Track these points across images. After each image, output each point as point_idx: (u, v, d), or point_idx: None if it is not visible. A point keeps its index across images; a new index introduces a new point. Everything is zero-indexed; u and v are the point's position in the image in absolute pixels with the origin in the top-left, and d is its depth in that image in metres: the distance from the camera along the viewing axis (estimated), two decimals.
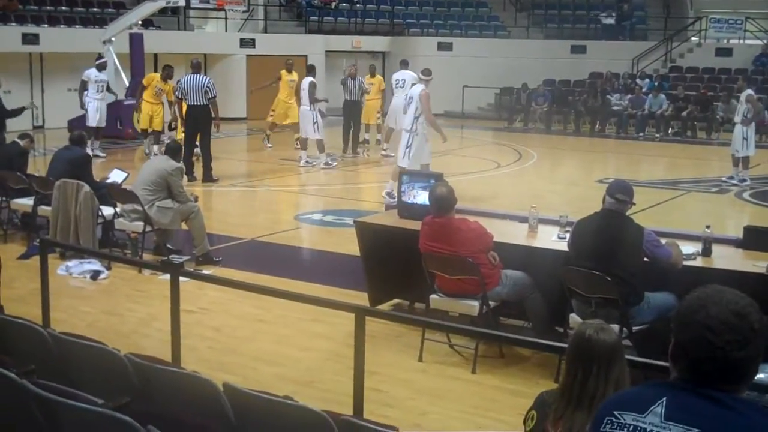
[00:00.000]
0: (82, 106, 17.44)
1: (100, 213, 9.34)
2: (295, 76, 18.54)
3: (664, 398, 2.17)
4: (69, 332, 4.76)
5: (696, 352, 2.16)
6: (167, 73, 17.21)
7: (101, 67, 17.79)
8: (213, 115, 14.67)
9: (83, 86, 17.43)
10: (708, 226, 6.56)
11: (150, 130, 17.35)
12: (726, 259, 6.42)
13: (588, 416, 3.12)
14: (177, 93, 15.04)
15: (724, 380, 2.15)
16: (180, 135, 15.53)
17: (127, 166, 12.21)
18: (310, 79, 16.68)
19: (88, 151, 11.96)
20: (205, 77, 14.82)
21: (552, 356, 6.14)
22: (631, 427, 2.16)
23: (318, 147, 16.57)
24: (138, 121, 18.05)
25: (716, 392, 2.13)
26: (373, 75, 19.66)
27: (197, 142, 14.79)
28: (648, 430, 2.14)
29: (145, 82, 17.82)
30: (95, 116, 17.33)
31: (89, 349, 4.30)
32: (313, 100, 16.46)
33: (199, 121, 14.54)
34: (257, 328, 7.31)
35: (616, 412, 2.22)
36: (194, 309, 7.48)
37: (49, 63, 22.36)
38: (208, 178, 14.53)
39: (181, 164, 9.66)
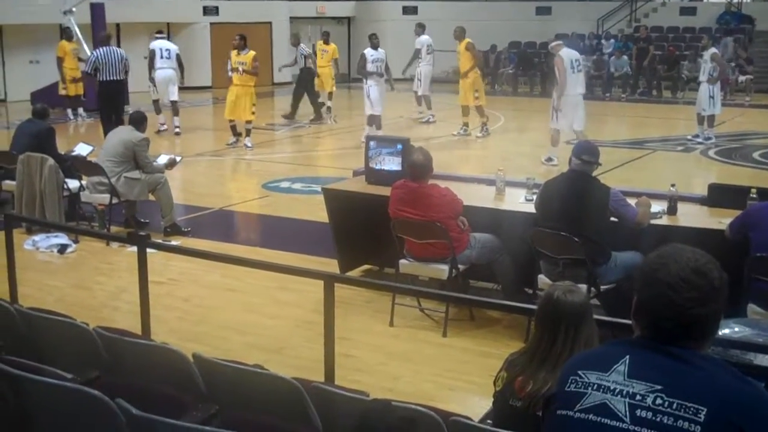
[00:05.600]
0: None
1: (65, 186, 9.25)
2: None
3: (627, 356, 2.19)
4: (37, 307, 4.73)
5: (657, 310, 2.18)
6: (68, 35, 18.35)
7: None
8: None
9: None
10: (673, 185, 6.61)
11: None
12: (691, 216, 6.48)
13: (554, 376, 3.15)
14: (88, 68, 14.48)
15: (686, 337, 2.17)
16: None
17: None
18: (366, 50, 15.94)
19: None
20: (120, 49, 14.24)
21: (521, 317, 6.19)
22: (595, 385, 2.19)
23: (368, 122, 15.70)
24: (65, 89, 18.33)
25: (678, 349, 2.16)
26: (327, 42, 19.29)
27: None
28: (611, 388, 2.16)
29: (60, 53, 18.15)
30: None
31: (57, 324, 4.27)
32: (360, 73, 15.80)
33: (117, 97, 13.96)
34: (227, 298, 7.30)
35: (580, 372, 2.25)
36: (163, 280, 7.46)
37: (9, 35, 22.00)
38: None
39: (146, 135, 9.56)
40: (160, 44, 16.82)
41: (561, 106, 13.01)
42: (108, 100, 14.13)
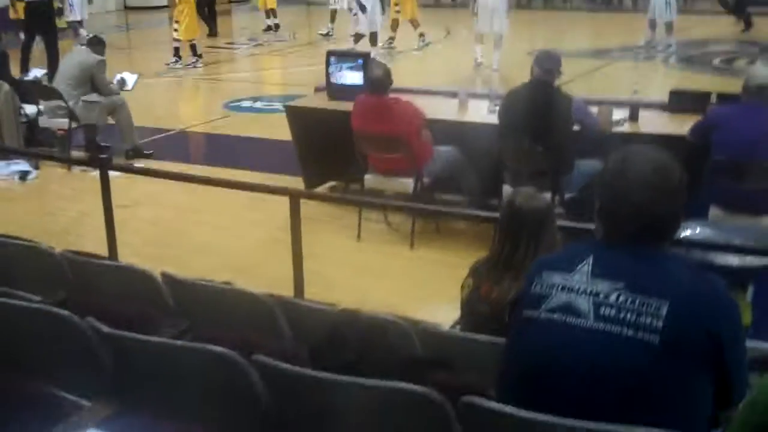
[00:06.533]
0: None
1: (22, 112, 9.09)
2: None
3: (590, 257, 2.22)
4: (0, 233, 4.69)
5: (619, 210, 2.20)
6: None
7: None
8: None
9: None
10: (636, 91, 6.64)
11: None
12: (653, 123, 6.52)
13: (518, 283, 3.19)
14: None
15: (647, 236, 2.20)
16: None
17: None
18: None
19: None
20: None
21: (487, 227, 6.22)
22: (560, 286, 2.22)
23: (355, 40, 15.11)
24: (15, 12, 17.27)
25: (639, 248, 2.19)
26: None
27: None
28: (575, 287, 2.19)
29: None
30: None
31: (22, 249, 4.24)
32: None
33: (41, 19, 13.15)
34: (192, 219, 7.28)
35: (544, 273, 2.27)
36: (128, 203, 7.39)
37: None
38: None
39: (104, 57, 9.38)
40: None
41: (475, 10, 13.94)
42: (31, 21, 13.38)
